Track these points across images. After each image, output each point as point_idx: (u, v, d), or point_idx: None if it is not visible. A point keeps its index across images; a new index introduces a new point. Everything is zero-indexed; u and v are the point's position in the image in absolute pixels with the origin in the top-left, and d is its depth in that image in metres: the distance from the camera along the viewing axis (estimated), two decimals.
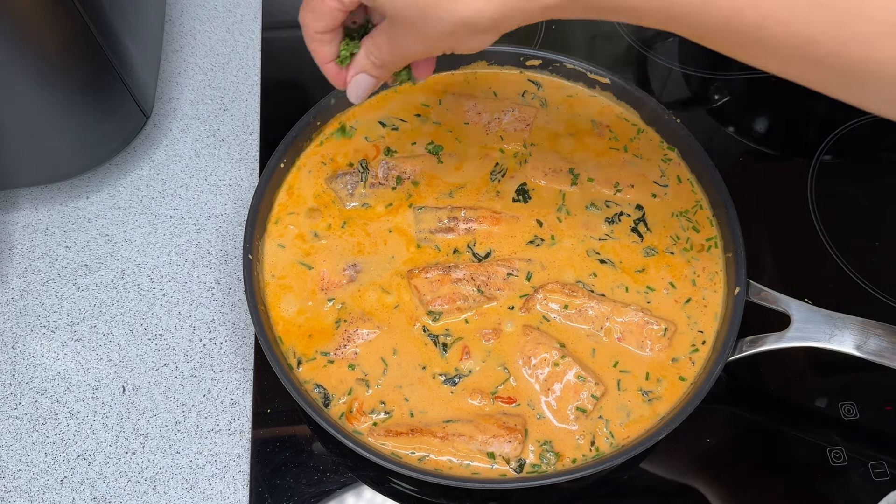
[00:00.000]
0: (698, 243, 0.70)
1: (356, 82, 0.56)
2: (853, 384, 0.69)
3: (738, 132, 0.84)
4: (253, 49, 0.91)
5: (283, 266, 0.69)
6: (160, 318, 0.73)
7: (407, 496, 0.64)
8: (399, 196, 0.73)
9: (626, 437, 0.62)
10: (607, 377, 0.64)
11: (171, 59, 0.89)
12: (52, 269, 0.75)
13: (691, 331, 0.66)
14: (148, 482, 0.65)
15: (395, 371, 0.64)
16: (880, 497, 0.61)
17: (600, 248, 0.70)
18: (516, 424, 0.61)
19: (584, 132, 0.77)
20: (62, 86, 0.66)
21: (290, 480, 0.64)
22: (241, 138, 0.84)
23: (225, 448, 0.67)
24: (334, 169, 0.74)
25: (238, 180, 0.81)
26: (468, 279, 0.67)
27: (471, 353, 0.65)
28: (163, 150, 0.83)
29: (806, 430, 0.67)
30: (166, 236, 0.77)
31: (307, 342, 0.66)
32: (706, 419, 0.66)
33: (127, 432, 0.67)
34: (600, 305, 0.66)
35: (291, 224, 0.71)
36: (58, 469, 0.66)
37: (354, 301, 0.67)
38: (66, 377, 0.70)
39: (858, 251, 0.76)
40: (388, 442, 0.61)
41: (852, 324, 0.61)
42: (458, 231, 0.70)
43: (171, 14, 0.93)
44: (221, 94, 0.87)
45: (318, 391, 0.63)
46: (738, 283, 0.65)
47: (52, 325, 0.72)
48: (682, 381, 0.64)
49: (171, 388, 0.69)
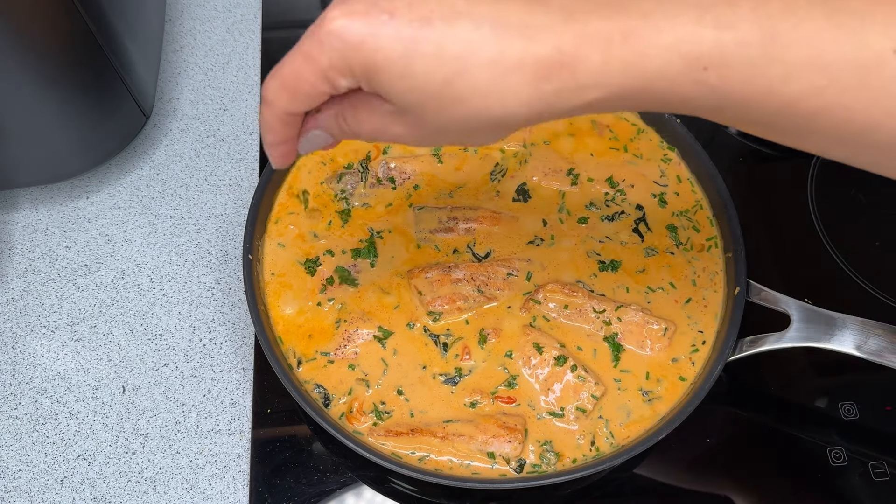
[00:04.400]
0: (698, 243, 0.70)
1: (310, 138, 0.46)
2: (853, 384, 0.69)
3: (739, 132, 0.84)
4: (253, 49, 0.91)
5: (283, 266, 0.69)
6: (160, 318, 0.73)
7: (407, 496, 0.64)
8: (399, 196, 0.73)
9: (627, 437, 0.62)
10: (607, 377, 0.64)
11: (171, 58, 0.89)
12: (52, 269, 0.75)
13: (691, 331, 0.66)
14: (148, 482, 0.65)
15: (395, 371, 0.64)
16: (880, 497, 0.61)
17: (600, 248, 0.70)
18: (516, 424, 0.61)
19: (584, 132, 0.77)
20: (62, 86, 0.66)
21: (290, 480, 0.64)
22: (241, 138, 0.84)
23: (225, 448, 0.67)
24: (334, 169, 0.74)
25: (238, 180, 0.81)
26: (468, 279, 0.67)
27: (471, 353, 0.65)
28: (163, 149, 0.83)
29: (806, 430, 0.67)
30: (166, 236, 0.77)
31: (307, 342, 0.66)
32: (706, 419, 0.66)
33: (127, 432, 0.67)
34: (600, 305, 0.66)
35: (291, 224, 0.71)
36: (58, 469, 0.66)
37: (354, 301, 0.67)
38: (66, 377, 0.70)
39: (858, 251, 0.76)
40: (388, 442, 0.61)
41: (852, 324, 0.61)
42: (457, 231, 0.70)
43: (171, 14, 0.93)
44: (221, 93, 0.87)
45: (318, 391, 0.63)
46: (739, 284, 0.65)
47: (52, 325, 0.72)
48: (682, 381, 0.64)
49: (171, 388, 0.69)
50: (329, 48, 0.38)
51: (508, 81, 0.37)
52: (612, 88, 0.38)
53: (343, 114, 0.44)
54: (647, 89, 0.38)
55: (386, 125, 0.43)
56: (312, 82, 0.40)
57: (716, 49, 0.37)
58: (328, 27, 0.38)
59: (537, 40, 0.37)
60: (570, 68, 0.37)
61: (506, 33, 0.37)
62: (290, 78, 0.40)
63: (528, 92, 0.38)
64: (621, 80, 0.38)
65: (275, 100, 0.42)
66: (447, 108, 0.39)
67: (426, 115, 0.40)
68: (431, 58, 0.37)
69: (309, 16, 0.95)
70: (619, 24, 0.37)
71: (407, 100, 0.39)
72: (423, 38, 0.37)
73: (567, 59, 0.37)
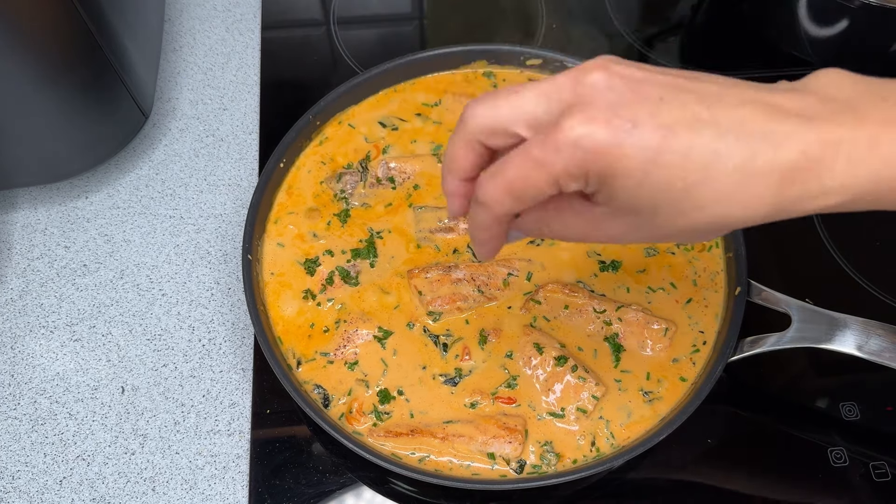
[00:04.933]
0: (699, 243, 0.70)
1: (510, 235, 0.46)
2: (854, 384, 0.69)
3: None
4: (252, 48, 0.91)
5: (283, 266, 0.69)
6: (159, 318, 0.73)
7: (407, 497, 0.64)
8: (399, 196, 0.73)
9: (627, 438, 0.62)
10: (608, 377, 0.64)
11: (171, 58, 0.89)
12: (51, 269, 0.75)
13: (692, 331, 0.66)
14: (147, 483, 0.65)
15: (395, 371, 0.64)
16: (881, 497, 0.61)
17: (601, 248, 0.70)
18: (517, 425, 0.61)
19: None
20: (61, 86, 0.66)
21: (289, 481, 0.64)
22: (241, 138, 0.84)
23: (224, 449, 0.66)
24: (334, 169, 0.74)
25: (237, 180, 0.81)
26: (468, 279, 0.67)
27: (471, 353, 0.65)
28: (162, 149, 0.83)
29: (807, 431, 0.67)
30: (165, 236, 0.77)
31: (307, 342, 0.65)
32: (707, 419, 0.65)
33: (126, 433, 0.67)
34: (601, 305, 0.66)
35: (291, 224, 0.71)
36: (57, 469, 0.65)
37: (354, 301, 0.67)
38: (65, 377, 0.69)
39: (859, 251, 0.76)
40: (387, 443, 0.61)
41: (853, 324, 0.61)
42: (458, 231, 0.70)
43: (171, 13, 0.92)
44: (221, 93, 0.87)
45: (317, 392, 0.63)
46: (739, 284, 0.65)
47: (51, 326, 0.72)
48: (682, 381, 0.64)
49: (170, 388, 0.69)
50: (567, 156, 0.38)
51: (754, 188, 0.38)
52: (855, 193, 0.38)
53: (546, 218, 0.44)
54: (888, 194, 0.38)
55: (598, 226, 0.42)
56: (541, 188, 0.40)
57: None
58: (567, 135, 0.37)
59: (784, 146, 0.37)
60: (815, 173, 0.37)
61: (751, 141, 0.37)
62: (519, 184, 0.40)
63: (772, 197, 0.38)
64: (866, 185, 0.38)
65: (496, 203, 0.41)
66: (685, 213, 0.39)
67: (657, 219, 0.40)
68: (676, 167, 0.37)
69: (308, 15, 0.95)
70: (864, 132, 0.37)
71: (638, 205, 0.39)
72: (668, 148, 0.37)
73: (812, 164, 0.37)
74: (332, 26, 0.93)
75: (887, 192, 0.38)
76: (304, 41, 0.93)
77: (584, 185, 0.39)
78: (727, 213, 0.39)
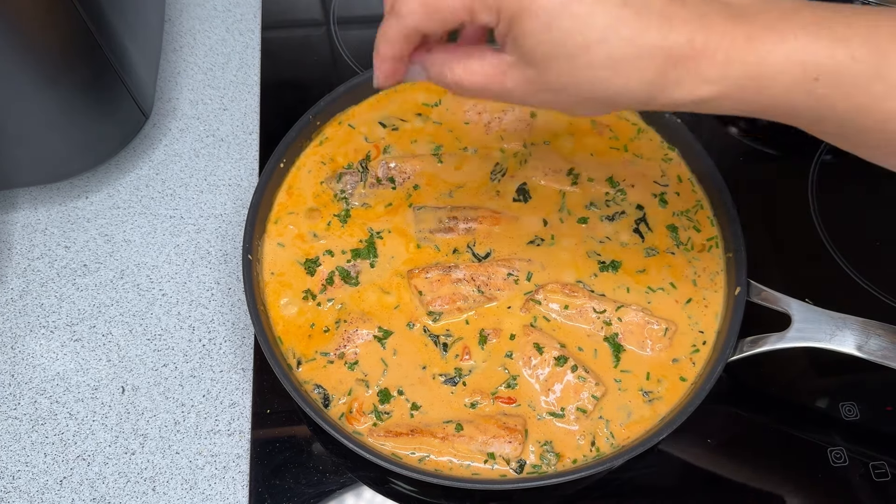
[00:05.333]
0: (699, 243, 0.70)
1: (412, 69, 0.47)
2: (854, 384, 0.69)
3: (739, 132, 0.84)
4: (252, 48, 0.91)
5: (283, 266, 0.69)
6: (159, 318, 0.73)
7: (407, 497, 0.64)
8: (399, 196, 0.73)
9: (627, 438, 0.62)
10: (608, 377, 0.64)
11: (171, 58, 0.89)
12: (52, 269, 0.75)
13: (692, 331, 0.66)
14: (147, 483, 0.65)
15: (395, 371, 0.64)
16: (881, 497, 0.61)
17: (601, 248, 0.70)
18: (516, 425, 0.61)
19: (585, 132, 0.76)
20: (61, 86, 0.66)
21: (289, 481, 0.64)
22: (241, 138, 0.84)
23: (224, 448, 0.66)
24: (334, 169, 0.74)
25: (237, 180, 0.81)
26: (468, 279, 0.67)
27: (471, 353, 0.65)
28: (162, 149, 0.83)
29: (806, 431, 0.67)
30: (165, 236, 0.77)
31: (307, 342, 0.65)
32: (707, 419, 0.65)
33: (126, 433, 0.67)
34: (601, 305, 0.66)
35: (291, 224, 0.71)
36: (57, 469, 0.65)
37: (354, 301, 0.67)
38: (66, 377, 0.70)
39: (858, 251, 0.76)
40: (388, 442, 0.61)
41: (853, 324, 0.61)
42: (457, 231, 0.70)
43: (171, 14, 0.92)
44: (221, 93, 0.87)
45: (317, 392, 0.63)
46: (739, 284, 0.65)
47: (52, 326, 0.72)
48: (682, 381, 0.64)
49: (170, 388, 0.69)
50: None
51: (639, 61, 0.41)
52: (728, 87, 0.41)
53: (451, 63, 0.45)
54: (759, 93, 0.41)
55: (498, 77, 0.44)
56: (455, 8, 0.42)
57: (829, 60, 0.40)
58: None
59: (675, 30, 0.40)
60: (695, 61, 0.41)
61: (648, 17, 0.40)
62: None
63: (653, 75, 0.41)
64: (737, 81, 0.41)
65: (408, 14, 0.43)
66: (576, 69, 0.41)
67: (550, 72, 0.42)
68: (580, 20, 0.40)
69: (309, 15, 0.95)
70: (745, 29, 0.40)
71: (539, 52, 0.41)
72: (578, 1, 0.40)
73: (695, 52, 0.40)
74: (332, 26, 0.93)
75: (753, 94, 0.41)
76: (304, 41, 0.93)
77: (496, 21, 0.42)
78: (611, 79, 0.41)
